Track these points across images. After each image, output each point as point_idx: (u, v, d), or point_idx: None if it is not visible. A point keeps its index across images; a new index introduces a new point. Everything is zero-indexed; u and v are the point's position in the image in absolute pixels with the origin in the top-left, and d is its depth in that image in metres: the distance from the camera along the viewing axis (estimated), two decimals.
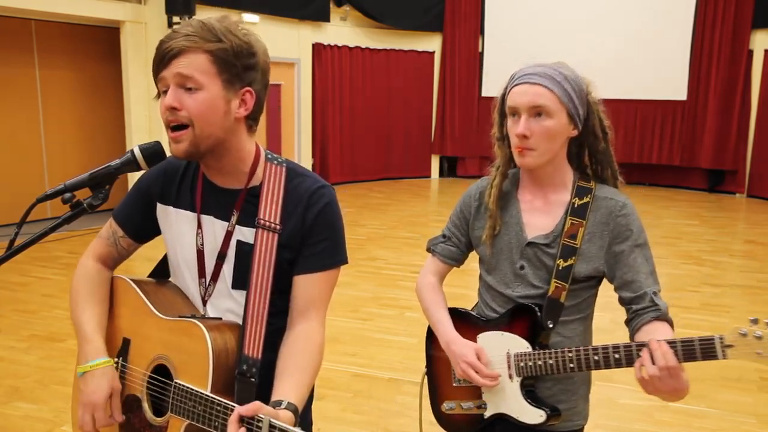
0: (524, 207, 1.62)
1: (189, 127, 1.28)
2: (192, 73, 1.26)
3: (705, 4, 9.75)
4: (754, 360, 1.27)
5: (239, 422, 1.13)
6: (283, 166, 1.40)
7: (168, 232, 1.46)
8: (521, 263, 1.59)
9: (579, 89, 1.53)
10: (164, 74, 1.27)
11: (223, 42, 1.28)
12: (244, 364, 1.28)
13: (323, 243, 1.37)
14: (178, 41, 1.26)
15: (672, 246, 6.85)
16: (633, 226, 1.53)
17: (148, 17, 7.60)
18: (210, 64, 1.27)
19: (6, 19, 7.14)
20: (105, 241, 1.52)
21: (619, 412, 3.30)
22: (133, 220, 1.50)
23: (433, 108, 11.48)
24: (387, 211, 8.61)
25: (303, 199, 1.36)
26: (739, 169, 9.93)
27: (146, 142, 1.33)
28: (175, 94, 1.27)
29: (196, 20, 1.31)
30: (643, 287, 1.50)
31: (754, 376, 3.74)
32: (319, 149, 10.37)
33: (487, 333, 1.62)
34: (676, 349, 1.34)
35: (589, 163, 1.63)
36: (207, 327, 1.27)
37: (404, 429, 3.14)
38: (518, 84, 1.51)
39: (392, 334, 4.35)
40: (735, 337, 1.28)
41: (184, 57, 1.26)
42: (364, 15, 10.39)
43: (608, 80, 10.25)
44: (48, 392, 3.47)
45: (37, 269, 5.74)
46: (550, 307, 1.54)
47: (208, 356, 1.24)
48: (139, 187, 1.50)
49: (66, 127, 7.97)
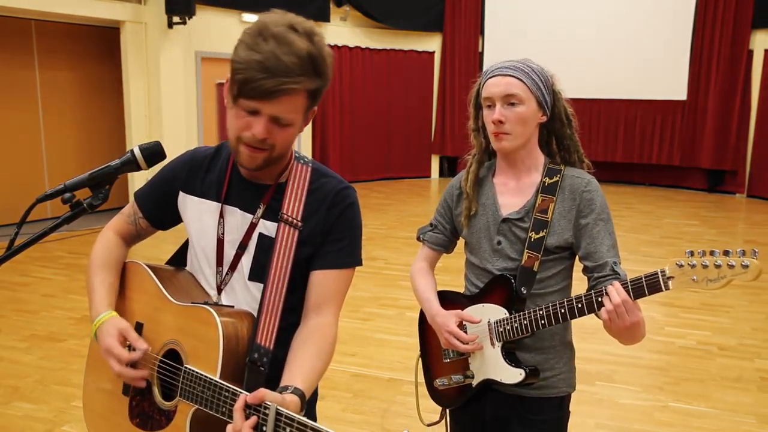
0: (499, 189, 1.78)
1: (267, 151, 1.30)
2: (289, 114, 1.27)
3: (705, 4, 9.74)
4: (690, 286, 1.42)
5: (245, 409, 1.13)
6: (309, 166, 1.44)
7: (190, 220, 1.48)
8: (498, 239, 1.74)
9: (545, 80, 1.70)
10: (261, 107, 1.24)
11: (322, 79, 1.27)
12: (255, 353, 1.29)
13: (342, 242, 1.40)
14: (289, 81, 1.21)
15: (672, 246, 6.85)
16: (597, 201, 1.68)
17: (148, 17, 7.59)
18: (304, 102, 1.28)
19: (6, 19, 7.14)
20: (126, 218, 1.56)
21: (619, 412, 3.31)
22: (152, 205, 1.53)
23: (433, 108, 11.48)
24: (387, 211, 8.61)
25: (327, 198, 1.41)
26: (739, 169, 9.92)
27: (146, 142, 1.34)
28: (267, 127, 1.26)
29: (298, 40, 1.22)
30: (604, 257, 1.64)
31: (754, 376, 3.74)
32: (319, 149, 10.37)
33: (471, 307, 1.75)
34: (627, 288, 1.48)
35: (557, 150, 1.78)
36: (219, 313, 1.28)
37: (404, 429, 3.14)
38: (491, 77, 1.70)
39: (392, 334, 4.35)
40: (673, 269, 1.43)
41: (288, 98, 1.24)
42: (364, 15, 10.39)
43: (608, 80, 10.27)
44: (48, 392, 3.47)
45: (37, 269, 5.74)
46: (524, 275, 1.67)
47: (219, 342, 1.25)
48: (164, 174, 1.52)
49: (66, 127, 7.97)
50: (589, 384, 3.56)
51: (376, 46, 10.75)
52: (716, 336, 4.32)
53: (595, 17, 10.28)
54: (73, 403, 3.34)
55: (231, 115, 1.30)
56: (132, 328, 1.38)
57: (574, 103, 1.81)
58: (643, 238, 7.10)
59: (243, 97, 1.24)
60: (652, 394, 3.52)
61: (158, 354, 1.38)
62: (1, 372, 3.72)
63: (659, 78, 10.12)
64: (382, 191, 10.20)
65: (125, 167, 1.32)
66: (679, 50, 10.02)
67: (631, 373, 3.76)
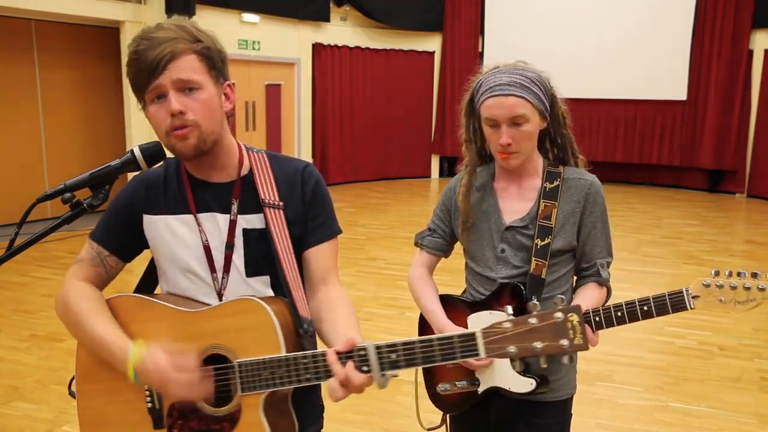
0: (500, 195, 1.76)
1: (195, 129, 1.30)
2: (190, 75, 1.29)
3: (705, 4, 9.75)
4: (717, 307, 1.41)
5: (339, 360, 1.16)
6: (263, 154, 1.46)
7: (160, 241, 1.42)
8: (502, 247, 1.72)
9: (544, 87, 1.66)
10: (160, 81, 1.27)
11: (201, 41, 1.32)
12: (305, 323, 1.33)
13: (323, 216, 1.45)
14: (167, 46, 1.27)
15: (672, 246, 6.85)
16: (599, 202, 1.70)
17: (148, 17, 7.59)
18: (200, 64, 1.31)
19: (6, 19, 7.14)
20: (89, 263, 1.45)
21: (620, 412, 3.31)
22: (117, 238, 1.45)
23: (433, 108, 11.48)
24: (387, 211, 8.61)
25: (296, 176, 1.43)
26: (739, 169, 9.93)
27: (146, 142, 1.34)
28: (179, 99, 1.28)
29: (165, 24, 1.32)
30: (594, 258, 1.71)
31: (754, 376, 3.74)
32: (319, 149, 10.37)
33: (476, 314, 1.73)
34: (649, 305, 1.49)
35: (550, 147, 1.77)
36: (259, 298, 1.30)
37: (404, 429, 3.14)
38: (492, 96, 1.63)
39: (392, 334, 4.34)
40: (699, 288, 1.42)
41: (178, 60, 1.28)
42: (364, 15, 10.39)
43: (608, 80, 10.27)
44: (48, 392, 3.47)
45: (37, 269, 5.74)
46: (533, 283, 1.67)
47: (274, 322, 1.27)
48: (117, 205, 1.46)
49: (66, 127, 7.97)
50: (589, 384, 3.56)
51: (376, 46, 10.75)
52: (716, 336, 4.32)
53: (595, 17, 10.28)
54: (73, 403, 3.32)
55: (150, 117, 1.31)
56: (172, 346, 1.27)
57: (574, 103, 1.81)
58: (643, 238, 7.10)
59: (145, 85, 1.28)
60: (652, 394, 3.52)
61: None
62: (1, 372, 3.72)
63: (659, 78, 10.12)
64: (382, 191, 10.19)
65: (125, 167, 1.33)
66: (679, 50, 10.02)
67: (631, 373, 3.76)
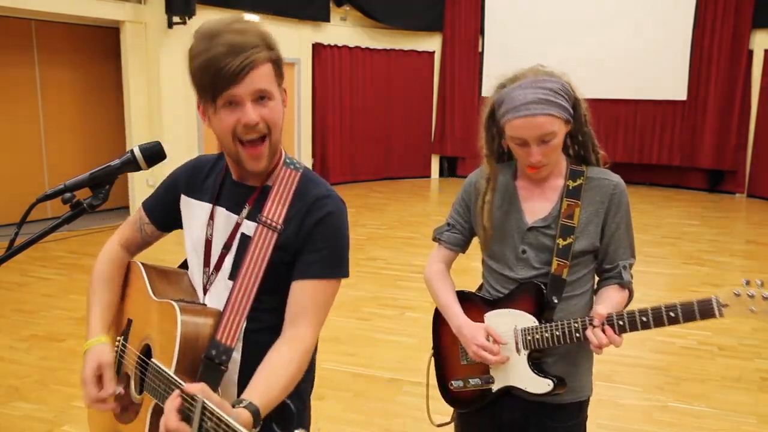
0: (523, 194, 1.73)
1: (266, 138, 1.32)
2: (267, 85, 1.30)
3: (705, 4, 9.74)
4: (748, 316, 1.41)
5: (180, 397, 1.10)
6: (299, 172, 1.43)
7: (186, 222, 1.51)
8: (523, 248, 1.70)
9: (567, 93, 1.62)
10: (238, 91, 1.26)
11: (274, 49, 1.33)
12: (213, 349, 1.29)
13: (321, 252, 1.36)
14: (249, 55, 1.25)
15: (672, 246, 6.85)
16: (624, 203, 1.68)
17: (148, 17, 7.59)
18: (273, 72, 1.32)
19: (6, 19, 7.14)
20: (132, 225, 1.60)
21: (620, 412, 3.31)
22: (158, 209, 1.57)
23: (433, 108, 11.47)
24: (387, 211, 8.61)
25: (307, 204, 1.38)
26: (739, 169, 9.92)
27: (146, 142, 1.34)
28: (254, 110, 1.29)
29: (238, 26, 1.29)
30: (617, 260, 1.70)
31: (754, 376, 3.74)
32: (319, 149, 10.37)
33: (494, 311, 1.72)
34: (676, 311, 1.49)
35: (571, 144, 1.74)
36: (182, 309, 1.30)
37: (404, 429, 3.14)
38: (519, 117, 1.57)
39: (392, 334, 4.35)
40: (729, 297, 1.42)
41: (258, 70, 1.27)
42: (364, 15, 10.39)
43: (608, 80, 10.26)
44: (48, 392, 3.47)
45: (37, 269, 5.74)
46: (554, 284, 1.65)
47: (176, 337, 1.27)
48: (169, 180, 1.57)
49: (66, 127, 7.96)
50: None
51: (376, 46, 10.74)
52: (716, 336, 4.32)
53: (595, 17, 10.27)
54: (73, 403, 3.33)
55: (217, 121, 1.31)
56: (111, 365, 1.44)
57: None
58: (644, 238, 7.09)
59: (220, 92, 1.26)
60: (652, 394, 3.52)
61: (137, 349, 1.45)
62: (1, 372, 3.72)
63: (659, 78, 10.12)
64: (382, 191, 10.19)
65: (125, 167, 1.33)
66: (679, 50, 10.02)
67: (631, 373, 3.76)
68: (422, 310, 4.67)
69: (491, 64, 10.98)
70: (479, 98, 11.11)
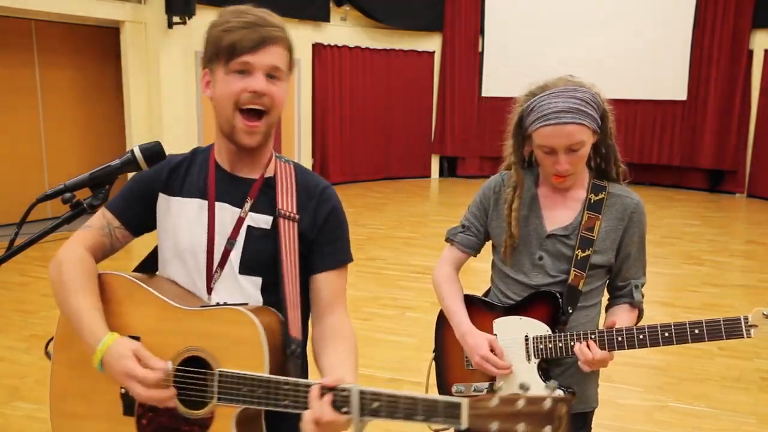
0: (544, 202, 1.73)
1: (264, 115, 1.34)
2: (281, 64, 1.34)
3: (705, 4, 9.74)
4: None
5: (322, 395, 1.14)
6: (291, 164, 1.47)
7: (168, 222, 1.44)
8: (540, 254, 1.70)
9: (596, 104, 1.64)
10: (256, 59, 1.31)
11: (291, 42, 1.37)
12: (293, 344, 1.32)
13: (336, 242, 1.44)
14: (276, 30, 1.32)
15: (672, 246, 6.84)
16: (643, 223, 1.69)
17: (148, 17, 7.59)
18: (287, 55, 1.36)
19: (6, 19, 7.14)
20: (98, 231, 1.47)
21: (620, 412, 3.30)
22: (130, 210, 1.47)
23: (433, 108, 11.47)
24: (387, 211, 8.60)
25: (315, 195, 1.43)
26: (739, 169, 9.92)
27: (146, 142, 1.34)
28: (264, 81, 1.32)
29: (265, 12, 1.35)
30: (630, 278, 1.72)
31: (754, 377, 3.74)
32: (319, 149, 10.37)
33: (504, 318, 1.71)
34: (701, 328, 1.50)
35: (593, 156, 1.73)
36: (253, 312, 1.29)
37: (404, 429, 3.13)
38: (549, 125, 1.58)
39: (392, 334, 4.34)
40: (758, 318, 1.41)
41: (278, 46, 1.33)
42: (364, 15, 10.39)
43: (608, 80, 10.19)
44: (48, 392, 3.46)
45: (37, 269, 5.74)
46: (570, 294, 1.66)
47: (262, 340, 1.25)
48: (139, 179, 1.48)
49: (66, 127, 7.96)
50: None
51: (376, 46, 10.74)
52: None
53: (595, 17, 10.27)
54: None
55: (224, 85, 1.33)
56: (143, 347, 1.28)
57: None
58: None
59: (237, 56, 1.30)
60: (652, 394, 3.52)
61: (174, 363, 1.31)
62: (1, 372, 3.72)
63: (659, 78, 10.12)
64: (382, 191, 10.19)
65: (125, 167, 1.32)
66: (679, 50, 10.02)
67: (631, 373, 3.75)
68: (422, 310, 4.67)
69: (491, 64, 10.98)
70: (479, 98, 11.12)
